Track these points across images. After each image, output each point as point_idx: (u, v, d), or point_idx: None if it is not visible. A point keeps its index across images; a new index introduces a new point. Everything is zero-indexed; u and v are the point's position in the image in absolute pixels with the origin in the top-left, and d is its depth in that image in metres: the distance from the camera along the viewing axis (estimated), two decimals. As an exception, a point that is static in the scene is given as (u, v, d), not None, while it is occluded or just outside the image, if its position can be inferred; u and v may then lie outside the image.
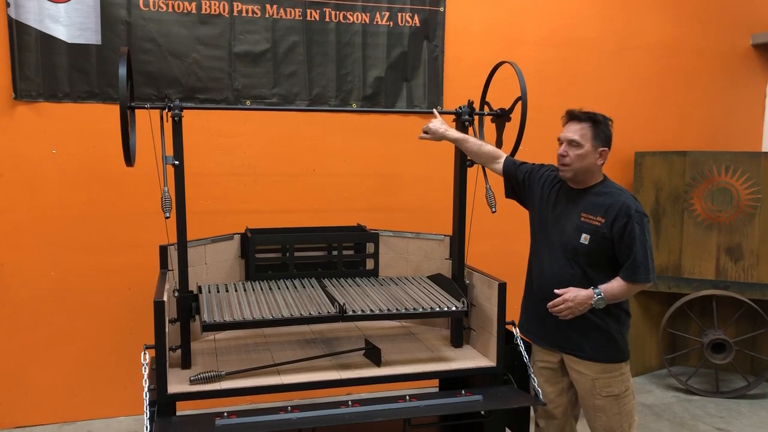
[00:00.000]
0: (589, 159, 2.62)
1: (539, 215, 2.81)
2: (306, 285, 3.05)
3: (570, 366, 2.76)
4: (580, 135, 2.60)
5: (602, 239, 2.59)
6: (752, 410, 4.39)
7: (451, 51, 4.50)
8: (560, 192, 2.76)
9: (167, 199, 2.51)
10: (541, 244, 2.79)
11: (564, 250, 2.67)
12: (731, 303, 4.65)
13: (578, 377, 2.73)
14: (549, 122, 4.62)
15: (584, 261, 2.63)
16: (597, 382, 2.68)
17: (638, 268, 2.56)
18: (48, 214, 3.86)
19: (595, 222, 2.61)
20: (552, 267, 2.71)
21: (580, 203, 2.67)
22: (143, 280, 3.89)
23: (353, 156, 4.38)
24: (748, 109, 5.34)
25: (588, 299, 2.58)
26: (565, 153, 2.63)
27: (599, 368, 2.68)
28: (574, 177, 2.67)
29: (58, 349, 3.96)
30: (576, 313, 2.61)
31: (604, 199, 2.63)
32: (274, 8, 4.09)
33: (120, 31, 3.84)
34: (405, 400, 2.60)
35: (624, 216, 2.56)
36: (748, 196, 4.57)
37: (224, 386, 2.55)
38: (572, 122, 2.65)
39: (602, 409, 2.71)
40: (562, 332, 2.72)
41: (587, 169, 2.64)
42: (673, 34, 5.02)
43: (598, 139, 2.62)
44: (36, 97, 3.77)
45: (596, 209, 2.62)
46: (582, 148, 2.60)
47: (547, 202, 2.78)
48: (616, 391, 2.69)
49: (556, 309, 2.62)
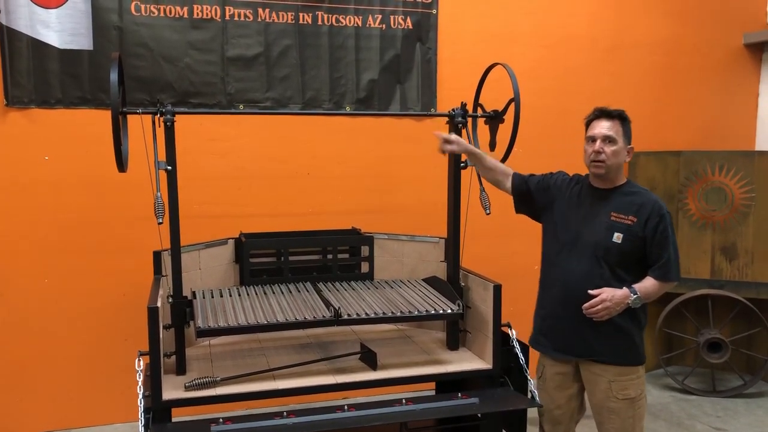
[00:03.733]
0: (622, 156, 2.66)
1: (562, 217, 2.77)
2: (301, 289, 3.04)
3: (586, 369, 2.74)
4: (614, 131, 2.62)
5: (635, 238, 2.59)
6: (749, 409, 4.39)
7: (444, 53, 4.50)
8: (582, 193, 2.76)
9: (160, 204, 2.50)
10: (564, 246, 2.74)
11: (594, 249, 2.64)
12: (726, 302, 4.65)
13: (594, 379, 2.71)
14: (542, 121, 4.65)
15: (615, 260, 2.62)
16: (614, 384, 2.67)
17: (671, 267, 2.59)
18: (41, 220, 3.84)
19: (627, 221, 2.61)
20: (580, 267, 2.66)
21: (609, 202, 2.67)
22: (137, 285, 3.87)
23: (347, 159, 4.37)
24: (740, 108, 5.35)
25: (624, 299, 2.56)
26: (601, 149, 2.62)
27: (617, 371, 2.66)
28: (607, 174, 2.66)
29: (52, 355, 3.94)
30: (612, 314, 2.58)
31: (634, 198, 2.65)
32: (266, 12, 4.09)
33: (112, 36, 3.83)
34: (401, 404, 2.59)
35: (657, 215, 2.59)
36: (742, 195, 4.58)
37: (219, 392, 2.54)
38: (603, 119, 2.66)
39: (616, 411, 2.69)
40: (583, 338, 2.68)
41: (619, 166, 2.68)
42: (665, 34, 5.03)
43: (627, 136, 2.67)
44: (28, 104, 3.75)
45: (627, 208, 2.63)
46: (616, 144, 2.62)
47: (569, 203, 2.76)
48: (632, 395, 2.67)
49: (592, 310, 2.57)
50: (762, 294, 4.57)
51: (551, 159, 3.69)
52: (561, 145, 4.48)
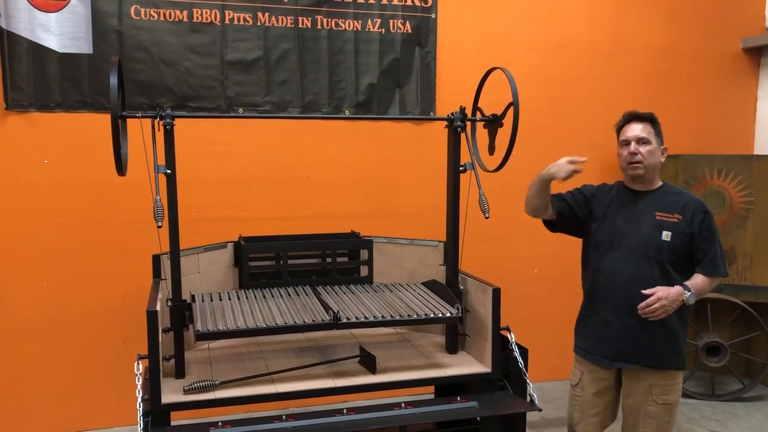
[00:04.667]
0: (657, 156, 2.71)
1: (607, 223, 2.77)
2: (300, 293, 3.04)
3: (628, 375, 2.75)
4: (647, 132, 2.68)
5: (683, 235, 2.63)
6: (748, 413, 4.39)
7: (443, 57, 4.50)
8: (621, 197, 2.79)
9: (159, 208, 2.50)
10: (612, 250, 2.73)
11: (644, 249, 2.66)
12: (725, 306, 4.65)
13: (634, 383, 2.73)
14: (541, 126, 4.66)
15: (667, 258, 2.64)
16: (654, 388, 2.68)
17: (718, 261, 2.64)
18: (40, 223, 3.85)
19: (673, 219, 2.65)
20: (630, 268, 2.67)
21: (653, 203, 2.71)
22: (136, 289, 3.88)
23: (346, 162, 4.38)
24: (739, 112, 5.36)
25: (680, 296, 2.55)
26: (636, 151, 2.67)
27: (659, 375, 2.68)
28: (645, 174, 2.70)
29: (51, 359, 3.93)
30: (669, 312, 2.55)
31: (676, 197, 2.70)
32: (265, 16, 4.09)
33: (111, 40, 3.83)
34: (400, 407, 2.58)
35: (701, 212, 2.65)
36: (741, 198, 4.59)
37: (218, 395, 2.53)
38: (635, 122, 2.71)
39: (654, 416, 2.69)
40: (635, 343, 2.67)
41: (656, 166, 2.72)
42: (664, 38, 5.04)
43: (659, 137, 2.73)
44: (27, 107, 3.76)
45: (671, 207, 2.67)
46: (651, 145, 2.68)
47: (610, 209, 2.78)
48: (671, 400, 2.69)
49: (648, 309, 2.52)
50: (761, 298, 4.57)
51: (549, 163, 3.68)
52: (559, 149, 4.46)
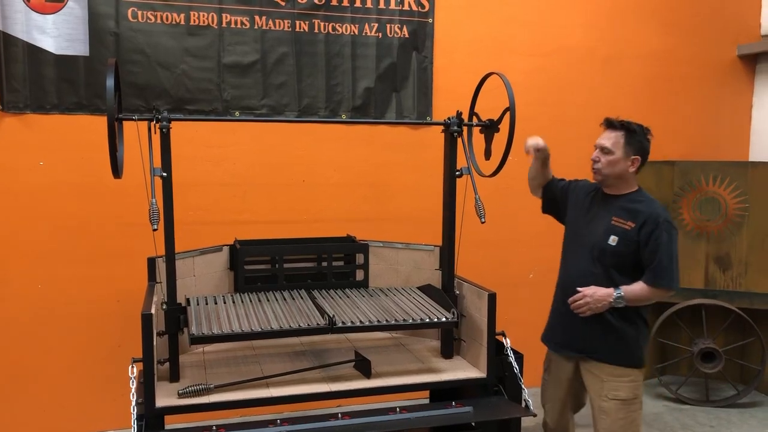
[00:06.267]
0: (620, 166, 2.78)
1: (573, 220, 2.99)
2: (295, 296, 3.04)
3: (584, 367, 2.89)
4: (612, 143, 2.78)
5: (630, 242, 2.73)
6: (742, 419, 4.40)
7: (440, 62, 4.51)
8: (595, 198, 2.94)
9: (155, 211, 2.50)
10: (571, 246, 2.96)
11: (591, 249, 2.81)
12: (720, 312, 4.66)
13: (590, 378, 2.86)
14: (538, 132, 4.63)
15: (610, 262, 2.75)
16: (606, 384, 2.79)
17: (661, 272, 2.68)
18: (35, 225, 3.83)
19: (626, 226, 2.75)
20: (577, 266, 2.85)
21: (613, 208, 2.83)
22: (131, 292, 3.86)
23: (343, 166, 4.38)
24: (734, 119, 5.38)
25: (607, 297, 2.69)
26: (597, 158, 2.82)
27: (610, 370, 2.79)
28: (605, 181, 2.84)
29: (45, 362, 3.92)
30: (594, 310, 2.72)
31: (637, 206, 2.78)
32: (263, 19, 4.09)
33: (108, 42, 3.83)
34: (395, 412, 2.59)
35: (653, 223, 2.71)
36: (736, 205, 4.60)
37: (213, 399, 2.53)
38: (608, 130, 2.83)
39: (607, 411, 2.79)
40: (578, 334, 2.85)
41: (619, 176, 2.81)
42: (660, 45, 5.06)
43: (631, 147, 2.78)
44: (23, 109, 3.75)
45: (628, 214, 2.77)
46: (613, 155, 2.77)
47: (581, 207, 2.96)
48: (623, 396, 2.77)
49: (575, 304, 2.73)
50: (755, 304, 4.58)
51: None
52: (556, 154, 4.47)
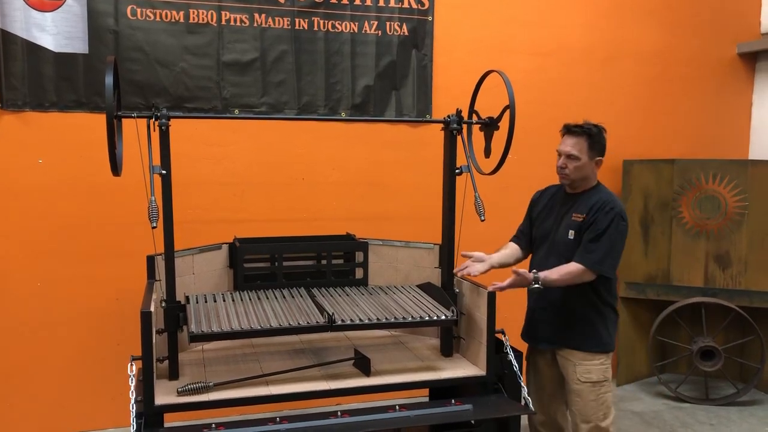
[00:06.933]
0: (587, 169, 2.94)
1: (543, 222, 3.10)
2: (295, 294, 3.03)
3: (559, 356, 3.04)
4: (577, 149, 2.90)
5: (582, 232, 2.89)
6: (742, 417, 4.40)
7: (440, 60, 4.51)
8: (559, 198, 3.08)
9: (154, 209, 2.49)
10: (542, 246, 3.08)
11: (556, 246, 2.97)
12: (720, 310, 4.66)
13: (565, 364, 3.01)
14: (537, 130, 4.65)
15: (570, 255, 2.89)
16: (578, 367, 2.94)
17: (590, 253, 2.80)
18: (34, 223, 3.83)
19: (579, 219, 2.91)
20: (549, 263, 2.93)
21: (574, 205, 2.98)
22: (131, 290, 3.85)
23: (342, 164, 4.37)
24: (734, 117, 5.38)
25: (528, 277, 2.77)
26: (564, 165, 2.94)
27: (581, 356, 2.94)
28: (572, 184, 3.00)
29: (44, 360, 3.91)
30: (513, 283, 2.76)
31: (594, 199, 2.93)
32: (262, 17, 4.09)
33: (107, 40, 3.82)
34: (395, 410, 2.58)
35: (597, 210, 2.86)
36: (736, 203, 4.60)
37: (212, 397, 2.52)
38: (569, 136, 2.94)
39: (579, 393, 2.96)
40: (553, 326, 3.00)
41: (585, 177, 2.97)
42: (659, 43, 5.05)
43: (594, 150, 2.93)
44: (22, 107, 3.74)
45: (583, 208, 2.92)
46: (579, 161, 2.91)
47: (546, 210, 3.11)
48: (594, 378, 2.93)
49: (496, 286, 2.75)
50: (755, 302, 4.58)
51: (544, 167, 3.69)
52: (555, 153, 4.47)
